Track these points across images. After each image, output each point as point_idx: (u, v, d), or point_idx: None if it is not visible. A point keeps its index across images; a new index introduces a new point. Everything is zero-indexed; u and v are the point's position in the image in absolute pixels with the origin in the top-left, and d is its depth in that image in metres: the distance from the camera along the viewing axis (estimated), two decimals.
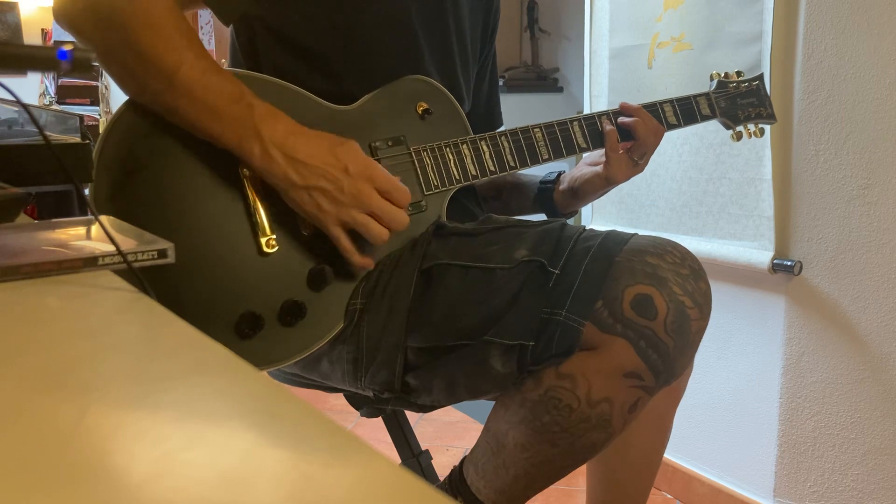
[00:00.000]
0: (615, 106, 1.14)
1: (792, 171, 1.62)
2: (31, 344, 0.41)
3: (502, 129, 1.10)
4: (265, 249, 0.91)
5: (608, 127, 1.11)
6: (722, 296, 1.70)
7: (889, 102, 1.46)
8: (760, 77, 1.28)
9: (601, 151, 1.13)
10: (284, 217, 0.93)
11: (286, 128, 0.89)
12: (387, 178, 0.91)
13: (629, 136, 1.12)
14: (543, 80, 4.11)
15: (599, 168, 1.12)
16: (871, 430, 1.55)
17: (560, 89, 4.11)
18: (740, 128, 1.26)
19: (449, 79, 1.10)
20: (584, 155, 1.16)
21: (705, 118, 1.20)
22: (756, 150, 1.65)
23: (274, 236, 0.92)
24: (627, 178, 1.12)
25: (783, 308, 1.67)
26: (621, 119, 1.12)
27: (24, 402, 0.33)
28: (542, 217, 1.14)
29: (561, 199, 1.18)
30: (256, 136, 0.87)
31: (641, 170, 1.13)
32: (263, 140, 0.87)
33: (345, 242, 0.91)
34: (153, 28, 0.87)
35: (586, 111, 2.09)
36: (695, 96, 1.20)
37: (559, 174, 1.19)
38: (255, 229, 0.91)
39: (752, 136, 1.28)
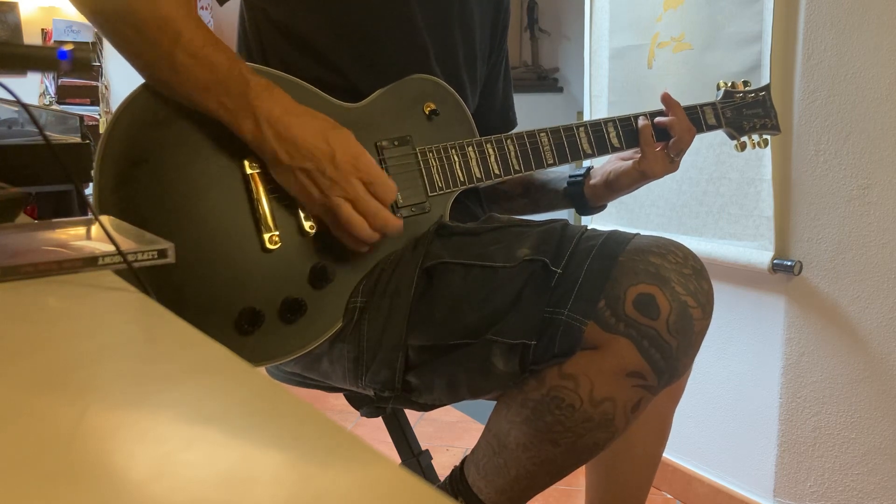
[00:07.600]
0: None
1: (792, 171, 1.62)
2: (31, 344, 0.41)
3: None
4: (268, 245, 0.91)
5: (642, 122, 1.12)
6: (722, 296, 1.69)
7: (889, 102, 1.46)
8: (767, 88, 1.28)
9: (631, 151, 1.14)
10: (288, 214, 0.93)
11: (282, 107, 0.89)
12: (372, 170, 0.90)
13: (664, 136, 1.13)
14: (543, 80, 4.11)
15: (634, 162, 1.13)
16: (870, 430, 1.55)
17: (560, 89, 4.10)
18: (744, 138, 1.26)
19: (454, 78, 1.09)
20: (610, 156, 1.17)
21: (711, 128, 1.20)
22: (756, 150, 1.65)
23: (277, 233, 0.91)
24: (664, 174, 1.13)
25: (783, 308, 1.67)
26: (658, 119, 1.13)
27: (24, 402, 0.33)
28: (551, 216, 1.14)
29: (592, 193, 1.18)
30: (251, 112, 0.87)
31: (676, 168, 1.14)
32: (257, 116, 0.87)
33: (333, 223, 0.91)
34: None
35: (586, 111, 2.10)
36: (701, 106, 1.19)
37: (588, 169, 1.20)
38: (259, 225, 0.91)
39: (756, 146, 1.28)
